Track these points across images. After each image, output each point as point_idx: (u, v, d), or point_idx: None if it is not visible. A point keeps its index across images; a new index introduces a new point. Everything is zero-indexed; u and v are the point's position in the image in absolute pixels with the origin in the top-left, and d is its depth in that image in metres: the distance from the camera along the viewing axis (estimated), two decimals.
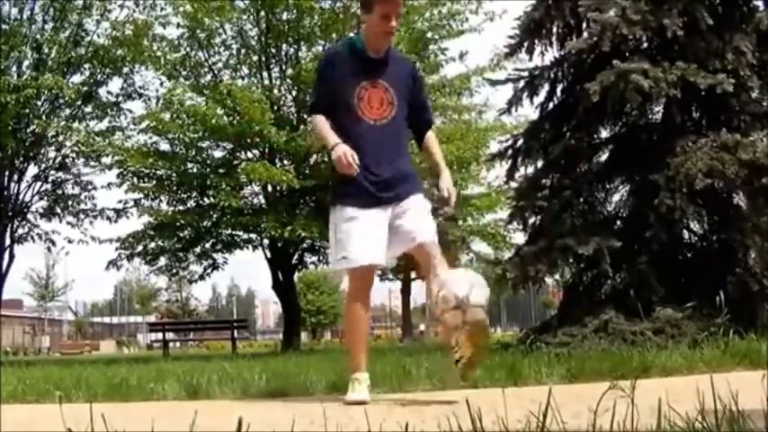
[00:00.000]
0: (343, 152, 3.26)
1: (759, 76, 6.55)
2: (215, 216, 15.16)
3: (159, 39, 15.58)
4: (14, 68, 15.64)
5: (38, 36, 15.64)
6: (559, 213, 6.72)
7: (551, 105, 7.51)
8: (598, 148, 7.33)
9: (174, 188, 15.51)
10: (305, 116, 15.94)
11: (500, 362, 4.35)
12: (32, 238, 16.89)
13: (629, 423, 1.38)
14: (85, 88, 16.01)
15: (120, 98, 16.57)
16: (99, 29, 16.10)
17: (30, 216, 16.74)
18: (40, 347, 47.51)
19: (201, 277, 16.83)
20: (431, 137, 3.68)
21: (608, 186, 7.27)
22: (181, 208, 15.62)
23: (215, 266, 16.59)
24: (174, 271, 17.02)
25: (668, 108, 6.78)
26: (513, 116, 9.69)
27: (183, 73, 15.82)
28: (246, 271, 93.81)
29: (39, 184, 16.56)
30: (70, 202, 16.81)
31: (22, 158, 15.91)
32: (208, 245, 16.18)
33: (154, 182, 15.46)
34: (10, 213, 16.05)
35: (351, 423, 2.26)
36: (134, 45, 15.12)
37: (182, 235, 15.72)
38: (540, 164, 7.38)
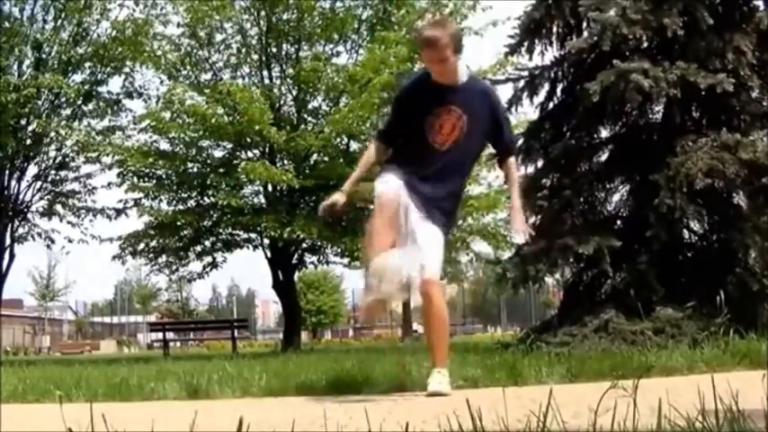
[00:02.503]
0: (330, 202, 3.64)
1: (759, 75, 6.54)
2: (215, 216, 15.17)
3: (159, 38, 15.60)
4: (15, 68, 15.66)
5: (38, 35, 15.64)
6: (559, 213, 6.71)
7: (551, 105, 7.51)
8: (598, 148, 7.33)
9: (174, 188, 15.51)
10: (305, 116, 15.95)
11: (500, 362, 4.34)
12: (32, 237, 16.92)
13: (629, 423, 1.38)
14: (86, 87, 16.02)
15: (121, 97, 16.59)
16: (99, 28, 16.16)
17: (30, 215, 16.77)
18: (40, 347, 47.43)
19: (201, 276, 16.84)
20: (509, 166, 3.76)
21: (608, 186, 7.26)
22: (181, 207, 15.62)
23: (215, 265, 16.60)
24: (175, 268, 17.03)
25: (668, 108, 6.78)
26: (513, 116, 9.69)
27: (184, 72, 15.83)
28: (246, 271, 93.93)
29: (39, 183, 16.58)
30: (71, 200, 16.80)
31: (22, 158, 15.91)
32: (208, 243, 16.18)
33: (154, 181, 15.48)
34: (10, 213, 16.05)
35: (351, 423, 2.26)
36: (134, 44, 15.13)
37: (182, 234, 15.72)
38: (540, 164, 7.37)
